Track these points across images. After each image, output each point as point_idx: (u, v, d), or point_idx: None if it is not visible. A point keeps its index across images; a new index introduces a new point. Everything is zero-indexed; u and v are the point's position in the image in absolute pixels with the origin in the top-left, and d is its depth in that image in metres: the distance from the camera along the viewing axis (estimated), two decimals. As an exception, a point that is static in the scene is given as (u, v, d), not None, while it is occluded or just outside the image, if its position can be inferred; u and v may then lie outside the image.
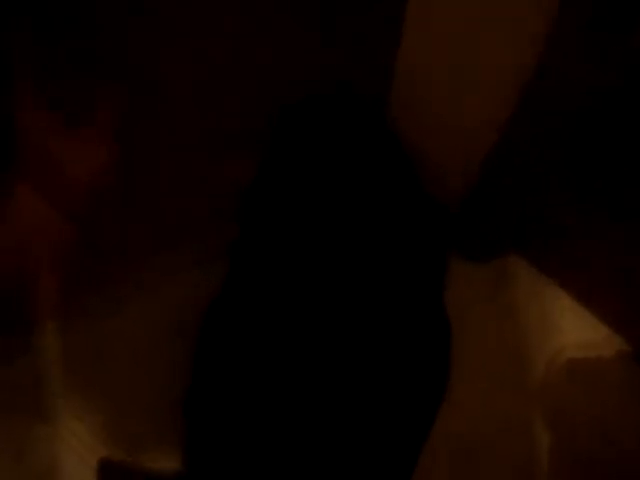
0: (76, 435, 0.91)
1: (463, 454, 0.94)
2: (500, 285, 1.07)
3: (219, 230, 1.04)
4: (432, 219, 1.01)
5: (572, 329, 1.02)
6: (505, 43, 0.85)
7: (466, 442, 0.94)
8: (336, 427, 0.84)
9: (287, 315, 0.90)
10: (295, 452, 0.83)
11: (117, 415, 0.93)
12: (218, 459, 0.85)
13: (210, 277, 0.95)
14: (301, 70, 1.13)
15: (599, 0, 1.02)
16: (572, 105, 1.04)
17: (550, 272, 1.05)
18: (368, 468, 0.86)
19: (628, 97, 1.09)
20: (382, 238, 0.95)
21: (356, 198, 0.97)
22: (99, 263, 1.02)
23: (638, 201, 1.08)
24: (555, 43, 0.83)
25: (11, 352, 0.94)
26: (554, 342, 1.01)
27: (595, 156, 1.10)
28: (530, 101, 0.92)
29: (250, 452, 0.84)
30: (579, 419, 0.96)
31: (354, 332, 0.89)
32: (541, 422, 0.96)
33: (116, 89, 1.13)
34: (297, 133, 1.03)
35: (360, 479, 0.86)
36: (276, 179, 1.02)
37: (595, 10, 1.01)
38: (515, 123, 0.94)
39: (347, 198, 0.97)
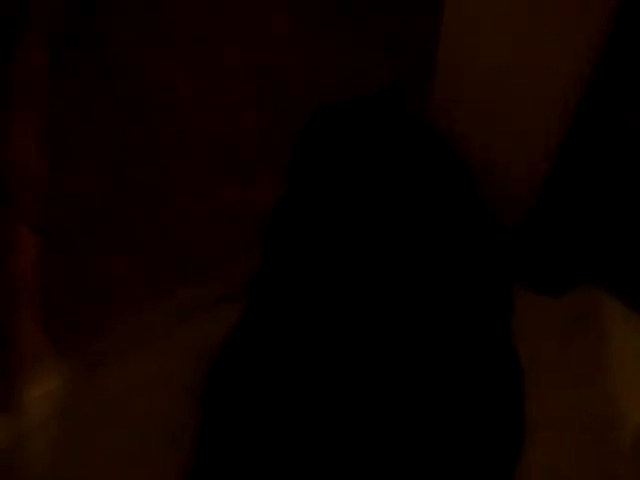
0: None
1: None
2: (577, 324, 0.92)
3: (237, 264, 0.97)
4: (493, 241, 0.84)
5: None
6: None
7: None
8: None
9: (321, 366, 0.74)
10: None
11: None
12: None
13: (225, 320, 0.83)
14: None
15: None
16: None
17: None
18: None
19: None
20: (435, 265, 0.79)
21: (403, 217, 0.82)
22: (90, 302, 0.94)
23: None
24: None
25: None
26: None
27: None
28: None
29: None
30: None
31: (410, 379, 0.74)
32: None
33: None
34: (325, 145, 0.88)
35: None
36: (308, 197, 0.87)
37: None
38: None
39: (392, 217, 0.81)
